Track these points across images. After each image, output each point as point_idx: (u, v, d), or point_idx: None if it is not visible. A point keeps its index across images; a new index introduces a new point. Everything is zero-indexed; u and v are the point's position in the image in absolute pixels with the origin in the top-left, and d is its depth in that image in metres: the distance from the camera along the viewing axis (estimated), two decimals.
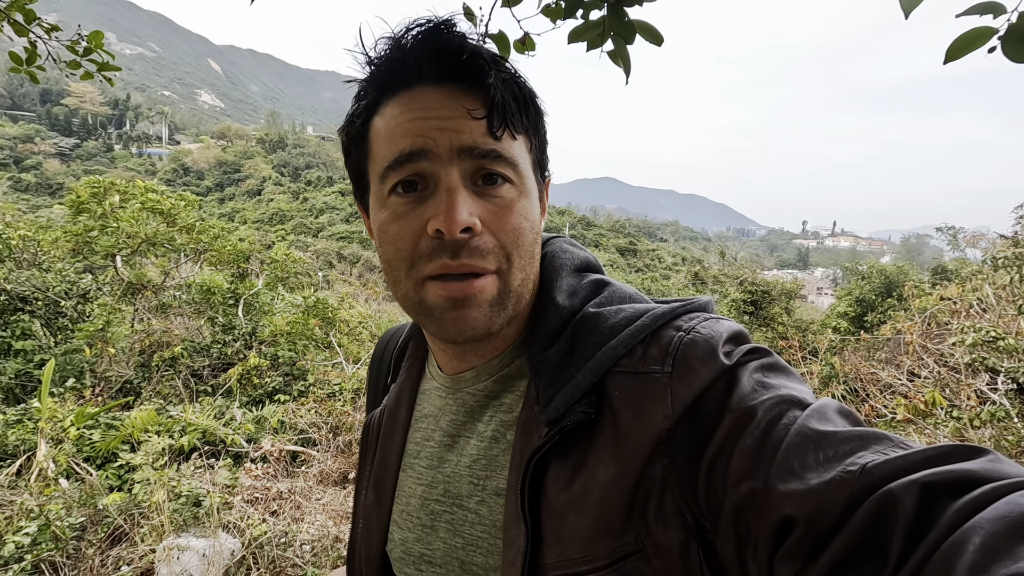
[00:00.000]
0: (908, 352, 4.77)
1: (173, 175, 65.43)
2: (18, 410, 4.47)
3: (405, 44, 0.57)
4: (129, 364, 5.81)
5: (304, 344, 6.40)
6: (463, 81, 0.57)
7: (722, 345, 0.53)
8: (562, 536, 0.53)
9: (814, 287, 48.40)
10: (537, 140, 0.63)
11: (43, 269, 6.20)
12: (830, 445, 0.43)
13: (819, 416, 0.46)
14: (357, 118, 0.62)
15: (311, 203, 54.28)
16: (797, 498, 0.41)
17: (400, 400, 0.76)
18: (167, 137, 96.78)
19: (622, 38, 0.91)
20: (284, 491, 3.92)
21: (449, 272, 0.56)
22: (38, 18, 1.59)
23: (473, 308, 0.57)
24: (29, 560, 2.81)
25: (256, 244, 8.75)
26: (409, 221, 0.57)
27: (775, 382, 0.51)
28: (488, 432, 0.64)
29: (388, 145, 0.58)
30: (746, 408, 0.48)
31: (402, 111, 0.57)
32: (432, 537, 0.66)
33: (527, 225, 0.59)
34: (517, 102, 0.58)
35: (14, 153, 63.23)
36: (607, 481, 0.52)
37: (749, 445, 0.46)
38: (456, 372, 0.70)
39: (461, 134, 0.55)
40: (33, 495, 3.29)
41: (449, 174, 0.56)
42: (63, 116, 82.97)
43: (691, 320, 0.57)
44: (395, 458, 0.74)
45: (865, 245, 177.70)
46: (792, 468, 0.42)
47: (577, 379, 0.56)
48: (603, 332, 0.58)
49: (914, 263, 11.98)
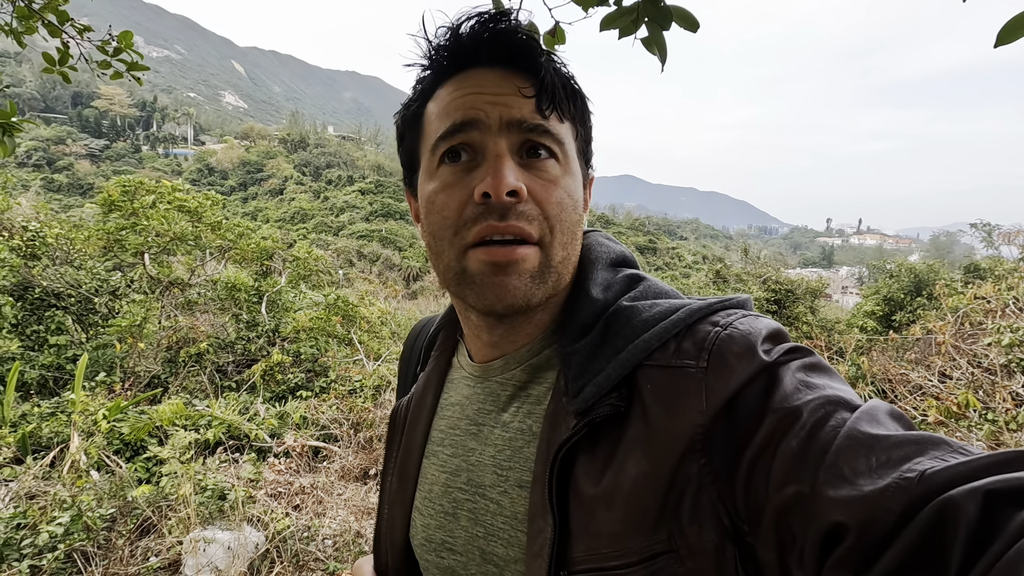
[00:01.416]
0: (940, 352, 4.63)
1: (198, 175, 66.79)
2: (52, 403, 4.61)
3: (462, 32, 0.60)
4: (157, 359, 5.95)
5: (326, 341, 6.48)
6: (516, 64, 0.60)
7: (761, 342, 0.51)
8: (591, 530, 0.52)
9: (839, 286, 47.44)
10: (583, 130, 0.65)
11: (75, 266, 6.38)
12: (883, 450, 0.41)
13: (870, 419, 0.44)
14: (413, 102, 0.66)
15: (332, 202, 54.91)
16: (848, 504, 0.39)
17: (427, 388, 0.77)
18: (192, 138, 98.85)
19: (657, 24, 0.89)
20: (306, 486, 3.98)
21: (495, 234, 0.57)
22: (71, 19, 1.63)
23: (514, 276, 0.58)
24: (62, 549, 2.89)
25: (279, 242, 8.88)
26: (457, 190, 0.59)
27: (819, 382, 0.49)
28: (514, 422, 0.64)
29: (441, 119, 0.60)
30: (789, 408, 0.46)
31: (456, 88, 0.61)
32: (454, 525, 0.66)
33: (570, 202, 0.60)
34: (566, 90, 0.61)
35: (47, 154, 65.18)
36: (638, 476, 0.50)
37: (793, 447, 0.44)
38: (486, 360, 0.70)
39: (511, 108, 0.58)
40: (66, 486, 3.38)
41: (497, 143, 0.58)
42: (93, 118, 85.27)
43: (728, 316, 0.55)
44: (419, 445, 0.74)
45: (892, 243, 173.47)
46: (842, 473, 0.41)
47: (607, 371, 0.55)
48: (636, 325, 0.57)
49: (944, 261, 11.64)
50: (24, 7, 1.54)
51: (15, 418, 4.45)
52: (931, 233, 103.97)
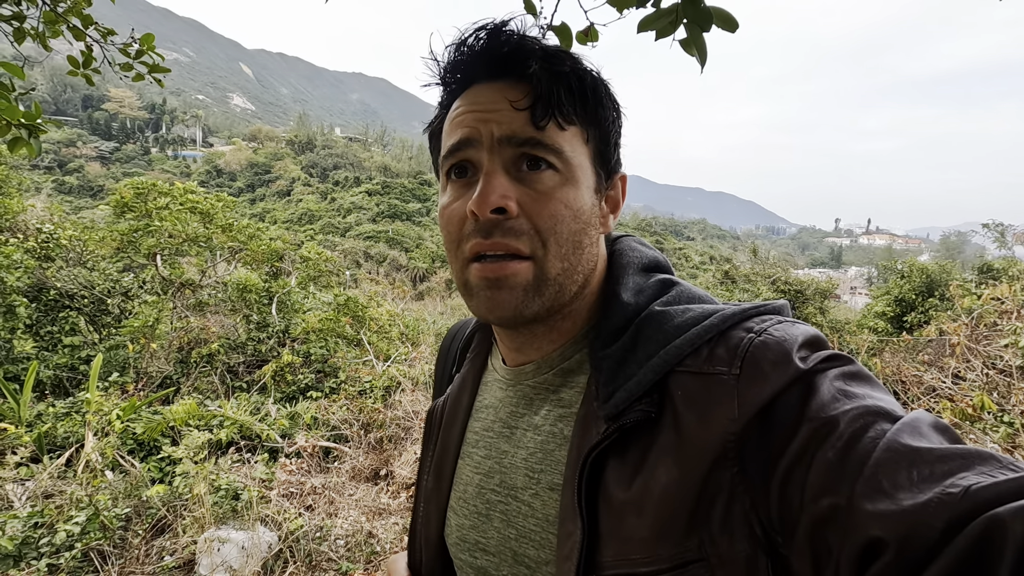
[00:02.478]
0: (954, 354, 4.59)
1: (207, 176, 67.22)
2: (67, 403, 4.65)
3: (466, 47, 0.61)
4: (169, 360, 5.99)
5: (335, 342, 6.50)
6: (510, 75, 0.60)
7: (797, 349, 0.50)
8: (621, 535, 0.52)
9: (848, 286, 47.07)
10: (598, 132, 0.63)
11: (88, 268, 6.44)
12: (925, 463, 0.40)
13: (912, 430, 0.43)
14: (436, 119, 0.68)
15: (339, 203, 55.09)
16: (887, 519, 0.38)
17: (463, 389, 0.78)
18: (201, 140, 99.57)
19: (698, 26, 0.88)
20: (318, 486, 3.99)
21: (484, 250, 0.58)
22: (95, 22, 1.66)
23: (505, 290, 0.59)
24: (79, 548, 2.92)
25: (289, 243, 8.93)
26: (458, 206, 0.61)
27: (859, 391, 0.47)
28: (545, 426, 0.65)
29: (447, 137, 0.63)
30: (826, 418, 0.45)
31: (459, 106, 0.62)
32: (487, 526, 0.67)
33: (567, 213, 0.59)
34: (571, 94, 0.59)
35: (58, 157, 65.86)
36: (668, 483, 0.50)
37: (830, 458, 0.43)
38: (517, 364, 0.70)
39: (501, 124, 0.58)
40: (82, 486, 3.41)
41: (490, 161, 0.59)
42: (103, 121, 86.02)
43: (763, 322, 0.54)
44: (455, 445, 0.75)
45: (902, 243, 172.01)
46: (881, 486, 0.40)
47: (639, 376, 0.55)
48: (668, 331, 0.56)
49: (956, 262, 11.52)
50: (50, 11, 1.56)
51: (31, 418, 4.49)
52: (941, 233, 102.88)
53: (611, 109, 0.64)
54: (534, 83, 0.58)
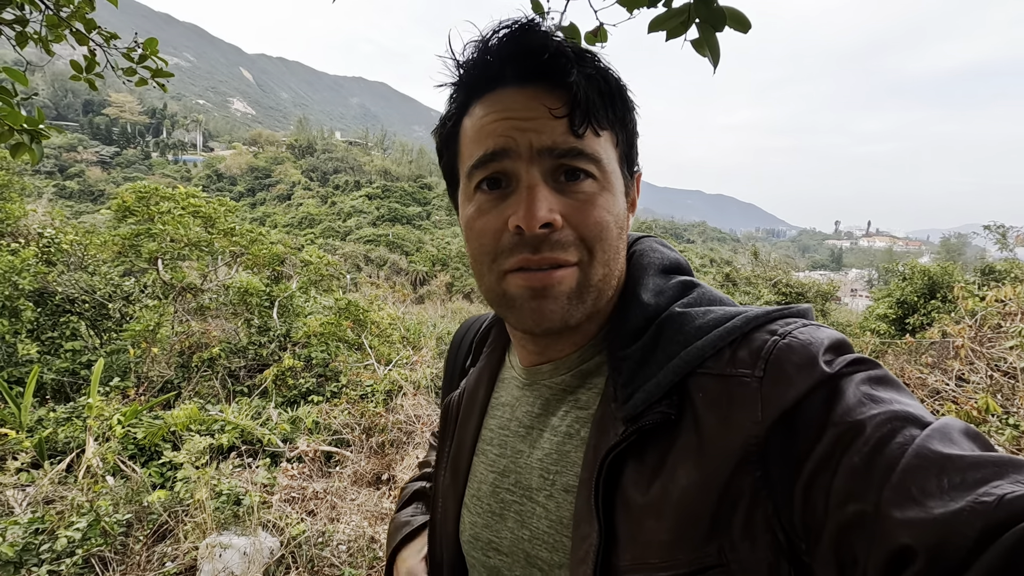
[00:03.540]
0: (958, 356, 4.57)
1: (207, 181, 67.34)
2: (67, 408, 4.63)
3: (491, 46, 0.58)
4: (170, 364, 5.98)
5: (336, 346, 6.49)
6: (546, 80, 0.57)
7: (823, 353, 0.49)
8: (639, 539, 0.51)
9: (848, 289, 47.07)
10: (624, 135, 0.62)
11: (90, 272, 6.43)
12: (956, 471, 0.38)
13: (942, 437, 0.41)
14: (448, 120, 0.64)
15: (339, 207, 55.19)
16: (917, 527, 0.37)
17: (479, 384, 0.77)
18: (201, 144, 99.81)
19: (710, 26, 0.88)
20: (320, 491, 3.97)
21: (531, 264, 0.57)
22: (98, 27, 1.65)
23: (551, 299, 0.57)
24: (80, 554, 2.90)
25: (290, 247, 8.93)
26: (492, 217, 0.58)
27: (885, 396, 0.46)
28: (562, 427, 0.64)
29: (474, 145, 0.59)
30: (852, 422, 0.44)
31: (487, 112, 0.59)
32: (500, 525, 0.66)
33: (610, 219, 0.59)
34: (603, 98, 0.58)
35: (59, 162, 66.02)
36: (688, 487, 0.49)
37: (856, 463, 0.42)
38: (534, 364, 0.69)
39: (541, 134, 0.56)
40: (83, 491, 3.39)
41: (530, 172, 0.56)
42: (104, 125, 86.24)
43: (788, 325, 0.53)
44: (470, 441, 0.75)
45: (902, 245, 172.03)
46: (910, 493, 0.39)
47: (658, 378, 0.54)
48: (689, 332, 0.55)
49: (957, 263, 11.53)
50: (53, 15, 1.56)
51: (32, 423, 4.48)
52: (941, 235, 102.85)
53: (633, 110, 0.63)
54: (574, 90, 0.56)
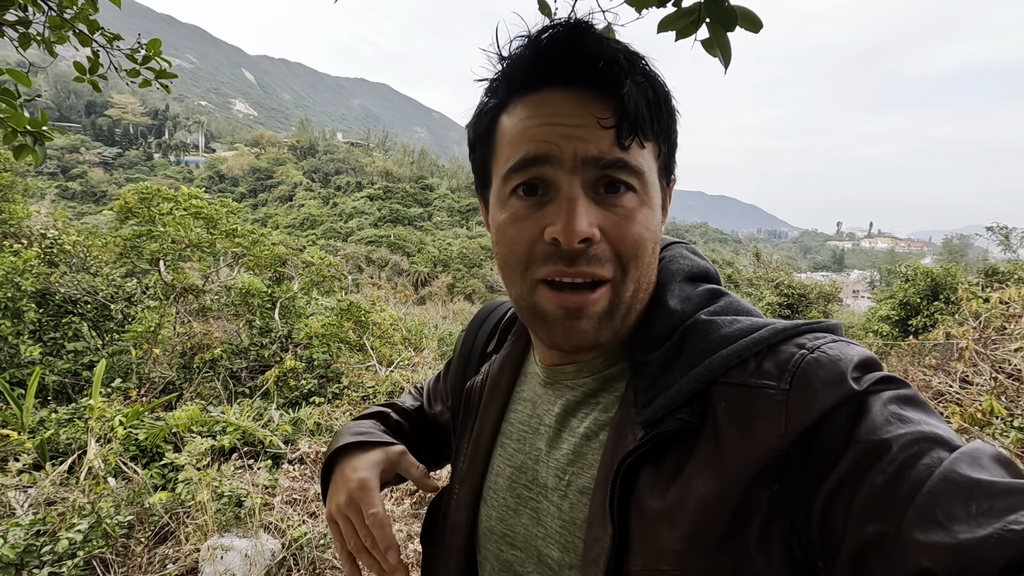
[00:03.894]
0: (961, 358, 4.55)
1: (209, 182, 67.50)
2: (69, 409, 4.63)
3: (540, 45, 0.56)
4: (171, 365, 5.97)
5: (338, 347, 6.48)
6: (597, 88, 0.54)
7: (851, 370, 0.48)
8: (652, 545, 0.51)
9: (850, 290, 47.01)
10: (667, 146, 0.60)
11: (92, 273, 6.44)
12: (985, 497, 0.37)
13: (971, 461, 0.40)
14: (485, 115, 0.62)
15: (340, 208, 55.26)
16: (940, 552, 0.36)
17: (503, 372, 0.77)
18: (203, 145, 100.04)
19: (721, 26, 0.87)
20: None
21: (564, 277, 0.55)
22: (101, 28, 1.65)
23: (584, 320, 0.57)
24: (81, 556, 2.89)
25: (291, 248, 8.93)
26: (527, 225, 0.57)
27: (914, 416, 0.45)
28: (581, 429, 0.63)
29: (513, 147, 0.57)
30: (877, 441, 0.43)
31: (530, 114, 0.56)
32: (515, 520, 0.67)
33: (648, 236, 0.57)
34: (650, 108, 0.56)
35: (62, 163, 66.23)
36: (705, 496, 0.49)
37: (879, 483, 0.41)
38: (555, 364, 0.69)
39: (587, 143, 0.54)
40: (84, 493, 3.39)
41: (571, 182, 0.54)
42: (106, 127, 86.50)
43: (816, 339, 0.52)
44: (491, 430, 0.74)
45: (904, 246, 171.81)
46: (935, 516, 0.38)
47: (681, 384, 0.53)
48: (714, 340, 0.55)
49: (959, 265, 11.50)
50: (56, 16, 1.55)
51: (33, 424, 4.47)
52: (943, 236, 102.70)
53: (676, 119, 0.60)
54: (625, 101, 0.53)
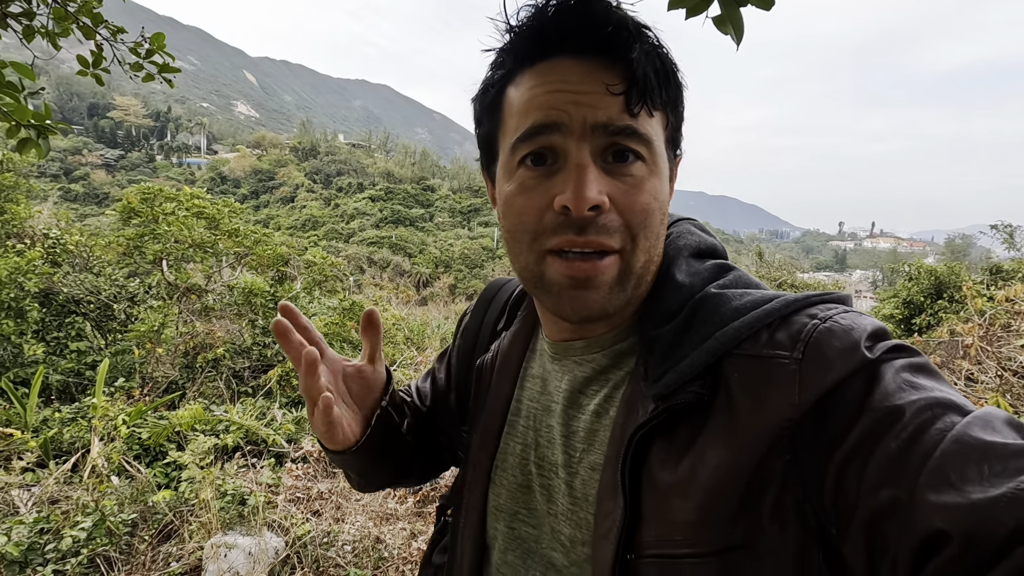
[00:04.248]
0: (967, 356, 4.53)
1: (211, 184, 67.55)
2: (72, 408, 4.64)
3: (548, 13, 0.55)
4: (174, 365, 5.98)
5: (341, 346, 6.48)
6: (605, 55, 0.54)
7: (864, 338, 0.48)
8: (665, 517, 0.51)
9: (852, 290, 46.91)
10: (674, 117, 0.60)
11: (95, 273, 6.45)
12: (998, 458, 0.37)
13: (984, 424, 0.40)
14: (492, 87, 0.61)
15: (342, 209, 55.30)
16: (953, 512, 0.36)
17: (512, 348, 0.76)
18: (205, 147, 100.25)
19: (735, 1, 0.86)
20: (325, 491, 3.96)
21: (574, 247, 0.55)
22: (105, 21, 1.64)
23: (593, 290, 0.56)
24: (85, 554, 2.89)
25: (295, 248, 8.93)
26: (536, 195, 0.56)
27: (926, 383, 0.45)
28: (591, 405, 0.63)
29: (521, 116, 0.56)
30: (890, 407, 0.43)
31: (538, 83, 0.56)
32: (527, 497, 0.66)
33: (656, 205, 0.57)
34: (658, 76, 0.55)
35: (64, 165, 66.40)
36: (718, 467, 0.48)
37: (892, 448, 0.41)
38: (563, 339, 0.68)
39: (596, 110, 0.53)
40: (88, 491, 3.39)
41: (580, 149, 0.54)
42: (109, 128, 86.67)
43: (828, 310, 0.52)
44: (502, 409, 0.74)
45: (906, 246, 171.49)
46: (948, 478, 0.38)
47: (692, 358, 0.53)
48: (725, 313, 0.54)
49: (963, 263, 11.47)
50: (60, 8, 1.55)
51: (37, 423, 4.48)
52: (946, 236, 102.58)
53: (683, 91, 0.60)
54: (634, 67, 0.53)
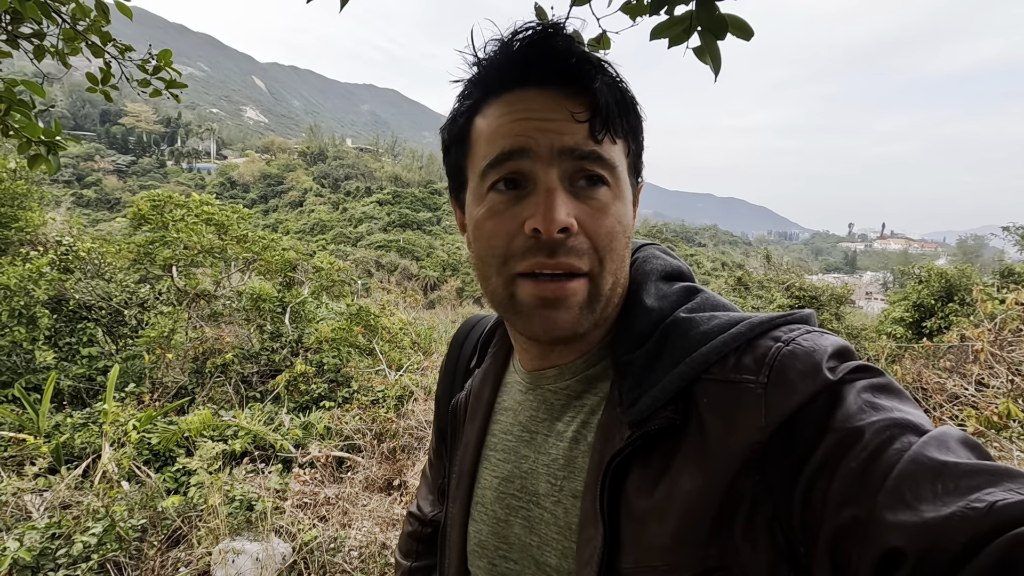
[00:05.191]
0: (977, 360, 4.48)
1: (221, 188, 68.20)
2: (84, 414, 4.69)
3: (513, 47, 0.58)
4: (184, 370, 6.04)
5: (348, 351, 6.52)
6: (569, 85, 0.57)
7: (826, 360, 0.50)
8: (642, 542, 0.52)
9: (863, 292, 46.48)
10: (635, 145, 0.63)
11: (106, 279, 6.53)
12: (951, 477, 0.39)
13: (939, 444, 0.42)
14: (460, 116, 0.63)
15: (350, 213, 55.62)
16: (908, 530, 0.37)
17: (484, 385, 0.77)
18: (215, 152, 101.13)
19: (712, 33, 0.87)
20: (332, 497, 3.98)
21: (544, 269, 0.56)
22: (113, 39, 1.69)
23: (563, 310, 0.57)
24: (95, 559, 2.92)
25: (302, 253, 9.00)
26: (505, 219, 0.57)
27: (886, 404, 0.47)
28: (568, 432, 0.64)
29: (489, 144, 0.58)
30: (851, 428, 0.45)
31: (506, 112, 0.58)
32: (507, 531, 0.66)
33: (620, 228, 0.59)
34: (620, 107, 0.58)
35: (77, 171, 67.31)
36: (691, 490, 0.50)
37: (853, 468, 0.43)
38: (537, 369, 0.69)
39: (563, 135, 0.55)
40: (98, 496, 3.43)
41: (548, 174, 0.56)
42: (120, 135, 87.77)
43: (791, 331, 0.54)
44: (476, 445, 0.74)
45: (917, 247, 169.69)
46: (904, 497, 0.39)
47: (664, 383, 0.54)
48: (694, 337, 0.56)
49: (974, 265, 11.33)
50: (69, 28, 1.59)
51: (49, 428, 4.54)
52: (957, 237, 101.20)
53: (642, 122, 0.63)
54: (597, 96, 0.56)
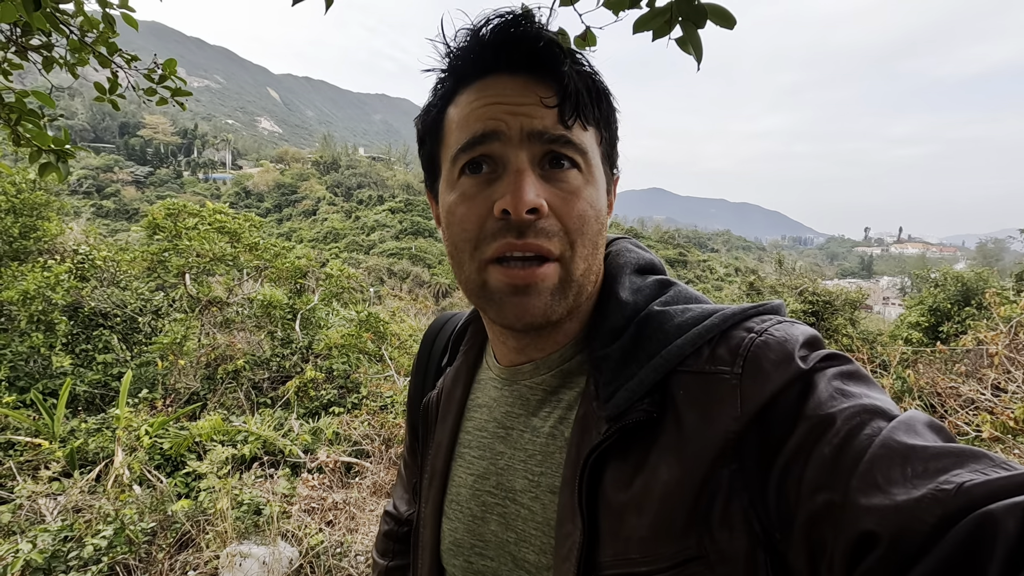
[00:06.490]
0: (993, 364, 4.39)
1: (236, 198, 69.27)
2: (98, 419, 4.78)
3: (483, 35, 0.58)
4: (196, 376, 6.12)
5: (357, 357, 6.56)
6: (538, 70, 0.57)
7: (798, 349, 0.51)
8: (620, 535, 0.52)
9: (879, 297, 45.79)
10: (608, 134, 0.63)
11: (121, 287, 6.65)
12: (920, 460, 0.40)
13: (907, 429, 0.43)
14: (433, 107, 0.63)
15: (363, 221, 56.14)
16: (880, 513, 0.38)
17: (456, 383, 0.76)
18: (230, 163, 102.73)
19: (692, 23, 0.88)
20: (339, 501, 4.00)
21: (514, 251, 0.56)
22: (120, 50, 1.74)
23: (534, 296, 0.57)
24: (106, 562, 2.96)
25: (313, 261, 9.09)
26: (476, 203, 0.58)
27: (856, 390, 0.48)
28: (545, 428, 0.64)
29: (461, 130, 0.59)
30: (823, 415, 0.45)
31: (476, 98, 0.58)
32: (483, 529, 0.66)
33: (592, 213, 0.59)
34: (590, 94, 0.59)
35: (96, 182, 68.79)
36: (669, 482, 0.50)
37: (826, 454, 0.44)
38: (513, 364, 0.69)
39: (532, 119, 0.56)
40: (110, 500, 3.48)
41: (519, 156, 0.56)
42: (139, 146, 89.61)
43: (764, 322, 0.54)
44: (448, 444, 0.74)
45: (936, 251, 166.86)
46: (875, 481, 0.40)
47: (640, 376, 0.54)
48: (668, 330, 0.56)
49: (994, 269, 11.11)
50: (77, 40, 1.64)
51: (64, 433, 4.62)
52: (977, 240, 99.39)
53: (616, 111, 0.64)
54: (565, 81, 0.56)
